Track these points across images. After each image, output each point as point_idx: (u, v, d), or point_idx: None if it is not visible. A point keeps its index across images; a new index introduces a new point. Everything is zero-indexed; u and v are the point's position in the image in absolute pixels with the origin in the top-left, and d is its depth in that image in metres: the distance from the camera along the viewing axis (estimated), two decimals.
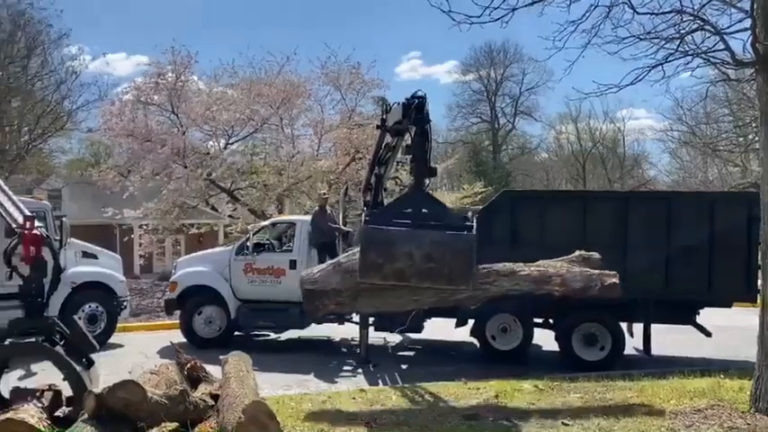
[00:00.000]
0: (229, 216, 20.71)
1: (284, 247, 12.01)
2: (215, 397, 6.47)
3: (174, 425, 5.94)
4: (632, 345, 10.59)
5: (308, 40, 55.83)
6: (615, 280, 6.96)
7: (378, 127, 8.67)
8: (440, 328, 11.42)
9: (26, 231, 6.63)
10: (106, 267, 12.27)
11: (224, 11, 69.09)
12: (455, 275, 6.63)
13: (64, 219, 11.61)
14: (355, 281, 6.95)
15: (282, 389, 8.42)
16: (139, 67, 55.70)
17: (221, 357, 7.47)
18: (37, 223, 6.77)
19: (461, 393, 7.76)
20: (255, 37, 63.57)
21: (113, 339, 12.05)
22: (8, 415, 5.51)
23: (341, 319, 11.28)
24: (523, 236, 10.21)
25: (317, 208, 11.91)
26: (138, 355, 10.91)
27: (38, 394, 6.35)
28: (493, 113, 54.78)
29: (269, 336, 12.59)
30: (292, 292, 11.24)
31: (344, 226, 12.05)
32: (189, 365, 7.10)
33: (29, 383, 6.77)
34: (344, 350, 11.84)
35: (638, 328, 10.37)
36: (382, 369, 9.99)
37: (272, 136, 19.32)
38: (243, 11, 70.25)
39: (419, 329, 11.16)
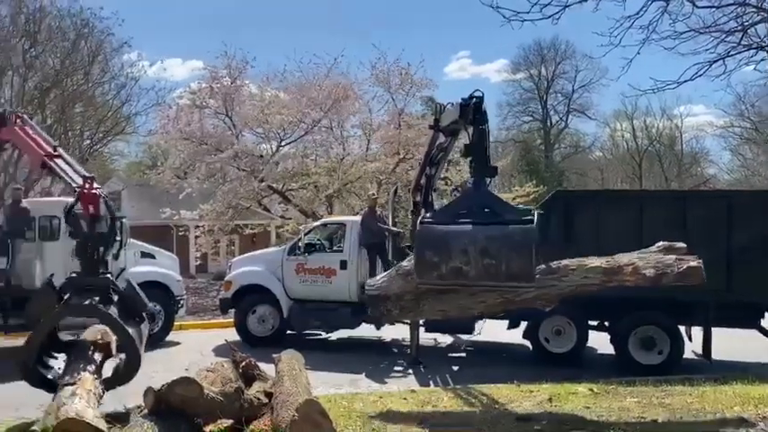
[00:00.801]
0: (281, 217, 21.04)
1: (335, 248, 12.12)
2: (269, 395, 6.57)
3: (230, 422, 6.08)
4: (691, 349, 10.24)
5: (357, 42, 56.18)
6: (696, 263, 6.24)
7: (431, 127, 8.65)
8: (492, 330, 11.31)
9: (84, 190, 7.17)
10: (164, 267, 12.62)
11: (273, 15, 70.21)
12: (515, 271, 6.29)
13: (124, 220, 11.99)
14: (415, 284, 6.84)
15: (334, 388, 8.48)
16: (194, 72, 57.24)
17: (274, 356, 7.58)
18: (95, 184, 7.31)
19: (514, 396, 7.66)
20: (304, 40, 64.26)
21: (170, 337, 12.40)
22: (71, 415, 5.70)
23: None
24: (577, 237, 10.00)
25: (366, 209, 11.97)
26: (193, 352, 11.23)
27: (90, 349, 6.53)
28: (545, 112, 53.96)
29: (320, 335, 12.71)
30: (343, 292, 11.44)
31: (394, 226, 12.04)
32: (243, 363, 7.21)
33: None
34: (395, 350, 11.85)
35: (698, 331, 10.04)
36: (433, 370, 9.96)
37: (323, 138, 19.52)
38: (292, 15, 71.28)
39: (470, 331, 11.07)
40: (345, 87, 18.60)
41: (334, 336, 12.67)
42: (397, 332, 11.98)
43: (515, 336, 10.87)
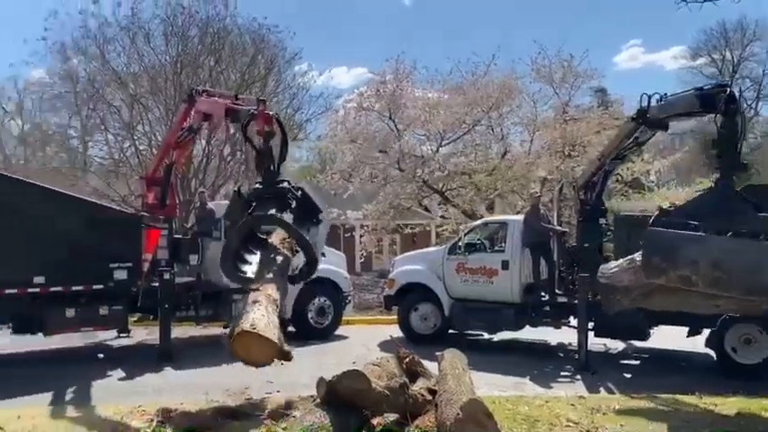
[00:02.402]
0: (441, 217, 21.21)
1: (496, 248, 11.96)
2: (432, 392, 6.64)
3: (395, 416, 6.23)
4: None
5: (520, 37, 54.97)
6: None
7: (633, 119, 8.27)
8: (668, 337, 10.50)
9: (259, 110, 8.09)
10: (332, 264, 13.22)
11: (432, 16, 70.88)
12: (749, 287, 5.98)
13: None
14: (644, 280, 6.80)
15: (498, 389, 8.36)
16: (359, 78, 59.42)
17: (437, 354, 7.65)
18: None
19: (694, 408, 7.05)
20: (464, 40, 64.22)
21: (339, 331, 12.98)
22: (245, 327, 6.17)
23: (557, 322, 10.92)
24: None
25: (529, 207, 11.66)
26: (360, 346, 11.67)
27: (276, 251, 7.18)
28: None
29: (482, 335, 12.60)
30: (505, 293, 11.24)
31: (559, 225, 11.62)
32: (408, 360, 7.35)
33: None
34: (561, 355, 11.42)
35: None
36: (603, 376, 9.45)
37: (482, 136, 19.37)
38: (451, 16, 71.48)
39: (645, 337, 10.39)
40: (509, 85, 18.28)
41: (496, 337, 12.49)
42: (563, 336, 11.55)
43: (697, 343, 9.99)
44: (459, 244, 11.78)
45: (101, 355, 11.35)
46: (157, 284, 10.61)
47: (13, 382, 8.79)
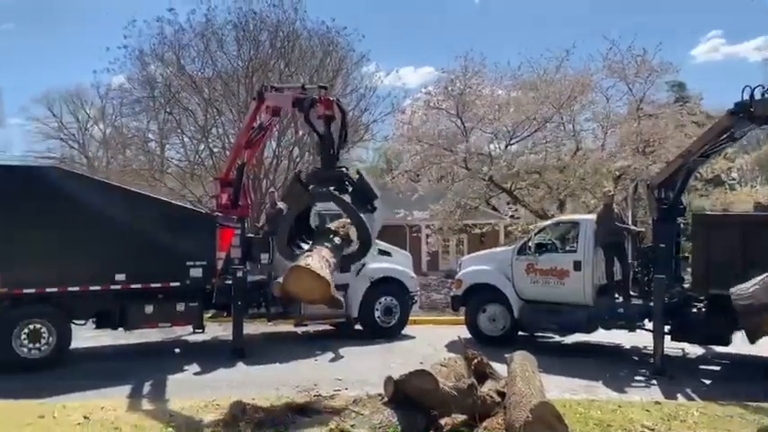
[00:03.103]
0: (510, 216, 20.89)
1: (567, 248, 11.67)
2: (501, 394, 6.56)
3: (463, 417, 6.19)
4: None
5: (593, 33, 53.39)
6: None
7: (733, 113, 7.91)
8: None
9: (320, 96, 8.49)
10: (399, 264, 13.28)
11: (501, 14, 69.95)
12: None
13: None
14: None
15: (568, 393, 8.20)
16: (426, 77, 59.43)
17: (506, 356, 7.53)
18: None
19: None
20: (533, 36, 63.08)
21: (405, 331, 13.00)
22: (300, 263, 6.52)
23: (632, 325, 10.56)
24: None
25: (602, 206, 11.31)
26: (427, 346, 11.66)
27: (332, 234, 7.64)
28: None
29: (552, 338, 12.33)
30: (577, 295, 10.96)
31: (634, 225, 11.21)
32: (476, 361, 7.30)
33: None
34: (635, 359, 11.03)
35: None
36: (680, 382, 9.08)
37: (553, 134, 18.94)
38: (520, 12, 70.34)
39: (726, 342, 9.91)
40: (581, 81, 17.80)
41: (567, 339, 12.20)
42: (637, 339, 11.16)
43: None
44: (530, 244, 11.55)
45: (177, 350, 11.80)
46: (231, 282, 10.93)
47: (95, 375, 9.28)
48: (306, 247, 7.65)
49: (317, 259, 6.89)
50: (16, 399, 7.68)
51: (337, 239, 7.66)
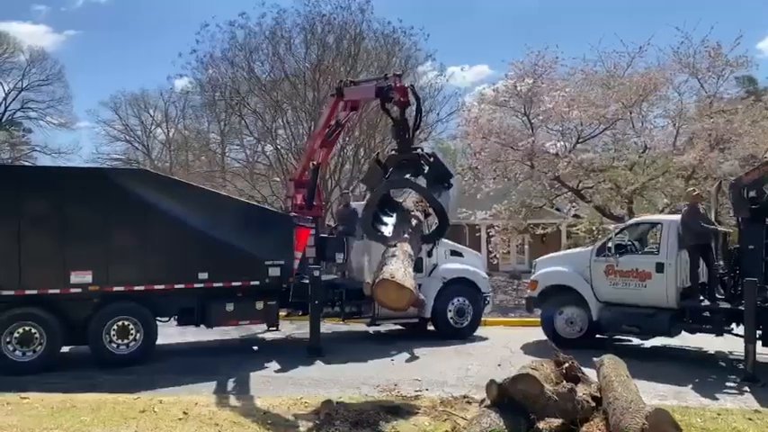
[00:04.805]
0: (574, 216, 20.49)
1: (648, 249, 11.37)
2: (595, 399, 6.44)
3: (558, 421, 6.09)
4: None
5: (660, 25, 51.71)
6: None
7: None
8: None
9: (395, 84, 8.92)
10: (471, 265, 13.20)
11: (555, 12, 68.63)
12: None
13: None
14: None
15: (657, 398, 7.98)
16: (478, 76, 58.89)
17: (595, 360, 7.40)
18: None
19: None
20: (606, 28, 61.51)
21: (477, 332, 12.91)
22: (385, 276, 6.80)
23: (719, 329, 10.20)
24: None
25: (686, 207, 10.94)
26: (502, 348, 11.57)
27: (411, 213, 7.96)
28: None
29: (631, 341, 12.03)
30: (659, 297, 10.67)
31: (720, 225, 10.82)
32: (567, 365, 7.18)
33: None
34: (722, 364, 10.66)
35: None
36: None
37: (622, 131, 18.48)
38: (584, 6, 68.91)
39: None
40: (654, 78, 17.30)
41: (647, 343, 11.87)
42: (723, 343, 10.79)
43: None
44: (609, 245, 11.28)
45: (255, 348, 12.04)
46: (307, 281, 11.08)
47: (181, 371, 9.56)
48: (388, 222, 8.02)
49: (401, 269, 7.08)
50: (112, 393, 7.95)
51: (414, 220, 7.97)
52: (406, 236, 7.64)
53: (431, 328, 12.85)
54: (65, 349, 10.18)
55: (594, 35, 60.41)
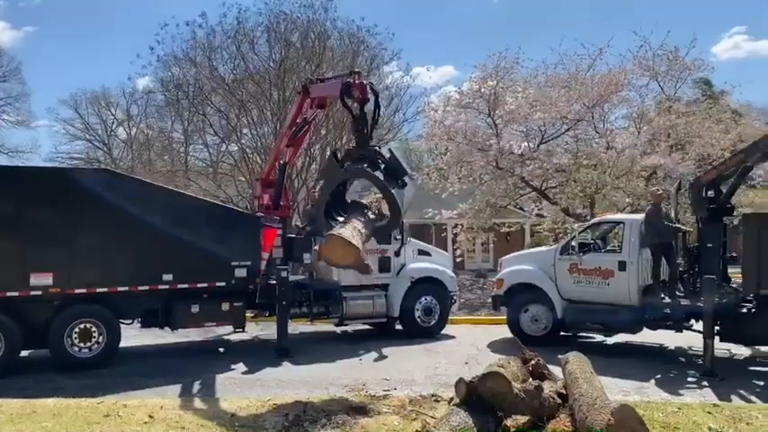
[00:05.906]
0: (537, 215, 20.78)
1: (610, 248, 11.59)
2: (560, 395, 6.53)
3: (525, 419, 6.17)
4: None
5: (619, 28, 52.85)
6: None
7: None
8: None
9: (354, 81, 8.97)
10: (438, 264, 13.26)
11: (518, 14, 69.53)
12: None
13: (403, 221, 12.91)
14: None
15: (621, 394, 8.14)
16: (446, 76, 59.26)
17: (560, 357, 7.51)
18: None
19: None
20: (570, 32, 62.51)
21: (445, 330, 12.98)
22: (333, 232, 7.14)
23: (679, 326, 10.47)
24: None
25: (650, 206, 11.19)
26: (468, 346, 11.66)
27: (365, 209, 8.19)
28: None
29: (594, 338, 12.27)
30: (622, 295, 10.89)
31: (680, 224, 11.10)
32: (533, 362, 7.27)
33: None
34: (682, 360, 10.93)
35: None
36: (732, 384, 8.96)
37: (584, 132, 18.82)
38: (551, 8, 69.84)
39: None
40: (615, 79, 17.66)
41: (609, 340, 12.12)
42: (683, 339, 11.08)
43: None
44: (573, 244, 11.48)
45: (221, 350, 11.89)
46: (274, 282, 10.98)
47: (146, 374, 9.39)
48: (341, 219, 8.11)
49: (349, 229, 7.49)
50: (74, 397, 7.76)
51: (370, 213, 8.22)
52: (357, 219, 7.91)
53: (399, 327, 12.88)
54: (24, 353, 9.90)
55: (560, 38, 61.38)
